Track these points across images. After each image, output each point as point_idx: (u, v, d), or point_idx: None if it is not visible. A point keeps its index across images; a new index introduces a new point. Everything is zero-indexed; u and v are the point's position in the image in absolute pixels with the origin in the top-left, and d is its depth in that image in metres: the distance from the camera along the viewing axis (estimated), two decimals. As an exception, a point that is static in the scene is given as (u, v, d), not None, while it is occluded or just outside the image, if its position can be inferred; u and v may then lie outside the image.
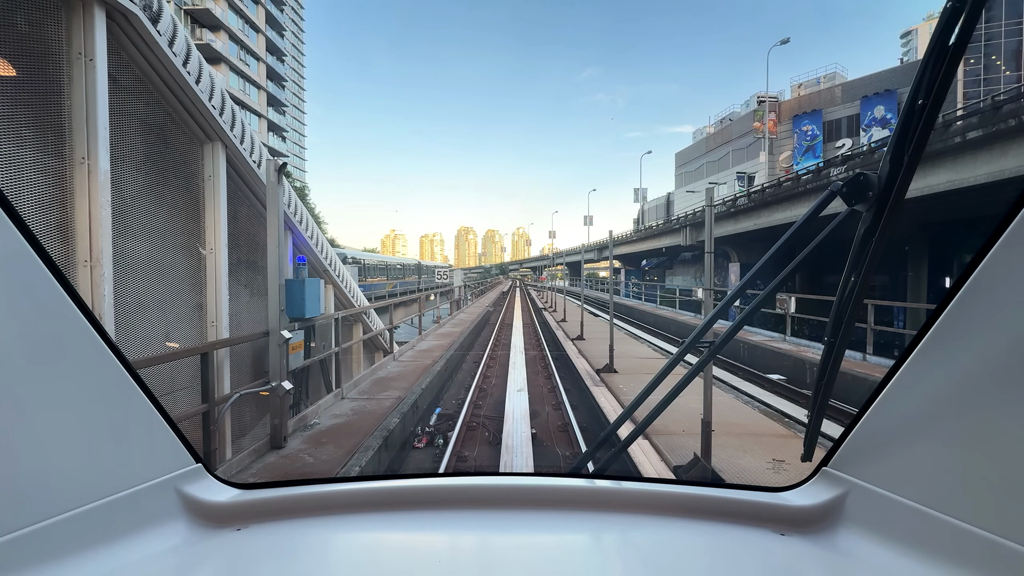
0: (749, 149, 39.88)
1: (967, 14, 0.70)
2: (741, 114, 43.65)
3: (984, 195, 13.75)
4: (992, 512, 0.72)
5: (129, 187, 3.55)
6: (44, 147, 2.89)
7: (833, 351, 1.01)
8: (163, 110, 3.86)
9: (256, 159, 4.78)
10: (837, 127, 35.06)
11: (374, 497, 1.10)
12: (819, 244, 1.09)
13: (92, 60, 2.95)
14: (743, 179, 39.55)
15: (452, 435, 6.23)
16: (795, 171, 32.20)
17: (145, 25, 3.24)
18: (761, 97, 41.42)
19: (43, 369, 0.76)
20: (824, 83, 39.51)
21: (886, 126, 31.98)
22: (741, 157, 40.80)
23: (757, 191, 25.99)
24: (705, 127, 50.96)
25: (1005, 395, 0.71)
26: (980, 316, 0.73)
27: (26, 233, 0.72)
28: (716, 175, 43.88)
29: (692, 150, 50.28)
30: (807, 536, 0.96)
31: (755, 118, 38.47)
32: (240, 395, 4.05)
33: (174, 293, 4.06)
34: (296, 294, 5.17)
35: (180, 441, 1.01)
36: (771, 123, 37.13)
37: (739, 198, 28.48)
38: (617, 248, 47.33)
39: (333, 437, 4.76)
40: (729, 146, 42.52)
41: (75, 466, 0.80)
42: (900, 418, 0.86)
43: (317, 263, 6.54)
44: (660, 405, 1.19)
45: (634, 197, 48.08)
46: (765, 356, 10.78)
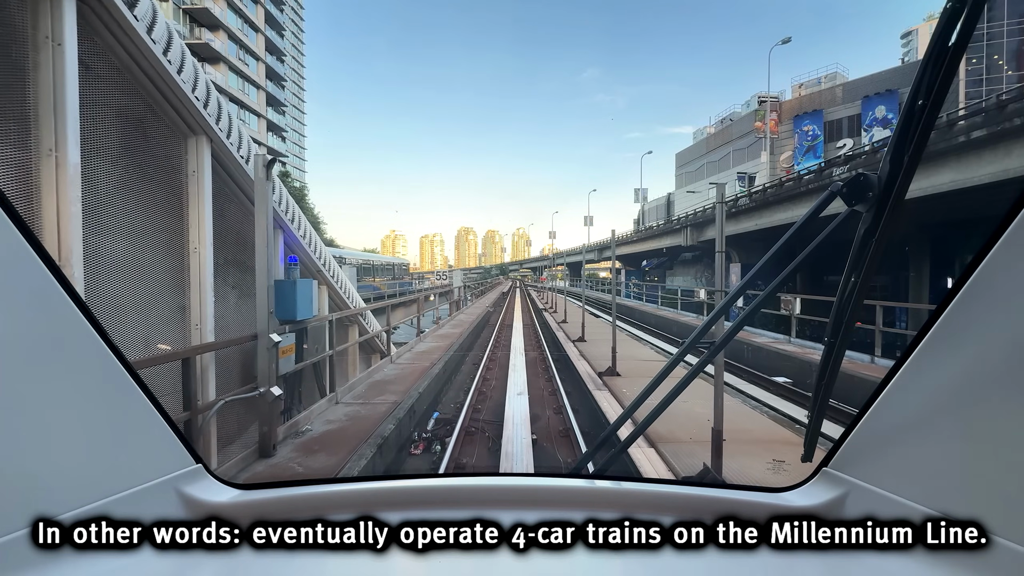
0: (750, 149, 39.72)
1: (967, 14, 0.69)
2: (742, 114, 43.44)
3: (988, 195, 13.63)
4: (992, 512, 0.72)
5: (104, 182, 3.35)
6: (6, 136, 2.68)
7: (833, 351, 1.01)
8: (142, 101, 3.65)
9: (244, 154, 4.57)
10: (838, 127, 34.93)
11: (374, 497, 1.11)
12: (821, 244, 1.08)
13: (60, 44, 2.75)
14: (744, 179, 39.37)
15: (450, 440, 6.04)
16: (796, 171, 32.16)
17: (120, 9, 3.04)
18: (762, 97, 41.39)
19: (43, 369, 0.76)
20: (825, 83, 39.41)
21: (887, 126, 31.88)
22: (742, 157, 40.63)
23: (759, 191, 26.00)
24: (705, 127, 50.83)
25: (1005, 395, 0.71)
26: (980, 316, 0.73)
27: (26, 233, 0.72)
28: (717, 175, 43.65)
29: (692, 150, 50.11)
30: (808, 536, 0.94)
31: (756, 118, 38.35)
32: (225, 402, 3.84)
33: (154, 294, 3.85)
34: (287, 295, 4.97)
35: (180, 441, 1.01)
36: (772, 123, 37.00)
37: (740, 198, 28.41)
38: (618, 248, 47.22)
39: (325, 444, 4.57)
40: (730, 146, 42.36)
41: (75, 466, 0.81)
42: (900, 418, 0.87)
43: (310, 263, 6.33)
44: (660, 406, 1.20)
45: (635, 197, 47.93)
46: (770, 358, 10.62)
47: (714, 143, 45.49)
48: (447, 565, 0.93)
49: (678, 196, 50.50)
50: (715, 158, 44.71)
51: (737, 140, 41.29)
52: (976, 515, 0.73)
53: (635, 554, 0.96)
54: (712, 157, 45.28)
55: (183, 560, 0.88)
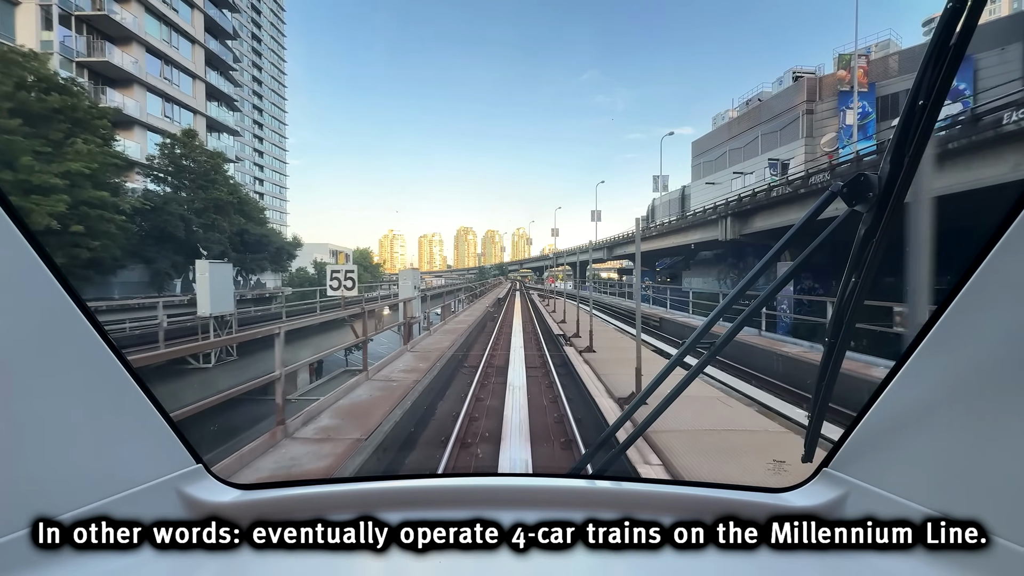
0: (784, 132, 33.94)
1: (967, 14, 0.69)
2: (772, 93, 37.67)
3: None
4: (992, 512, 0.73)
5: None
6: None
7: (833, 352, 1.01)
8: None
9: None
10: (894, 102, 28.83)
11: (374, 497, 1.11)
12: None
13: None
14: (775, 167, 33.86)
15: None
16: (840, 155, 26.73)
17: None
18: (797, 73, 35.66)
19: (43, 369, 0.76)
20: (876, 52, 33.28)
21: (958, 98, 26.03)
22: (773, 141, 34.88)
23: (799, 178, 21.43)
24: (727, 111, 44.78)
25: (1005, 395, 0.71)
26: (980, 316, 0.74)
27: (26, 233, 0.72)
28: (742, 163, 38.17)
29: (712, 137, 44.05)
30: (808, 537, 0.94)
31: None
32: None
33: None
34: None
35: (180, 441, 1.01)
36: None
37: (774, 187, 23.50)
38: (631, 246, 41.82)
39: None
40: (758, 129, 36.49)
41: (75, 466, 0.81)
42: (900, 418, 0.87)
43: None
44: (660, 406, 1.19)
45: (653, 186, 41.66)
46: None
47: (738, 128, 39.66)
48: (447, 565, 0.93)
49: (695, 189, 44.90)
50: (739, 144, 38.96)
51: (767, 123, 35.52)
52: (976, 515, 0.74)
53: (635, 554, 0.96)
54: (735, 144, 39.46)
55: (183, 560, 0.88)
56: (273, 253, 31.77)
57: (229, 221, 26.95)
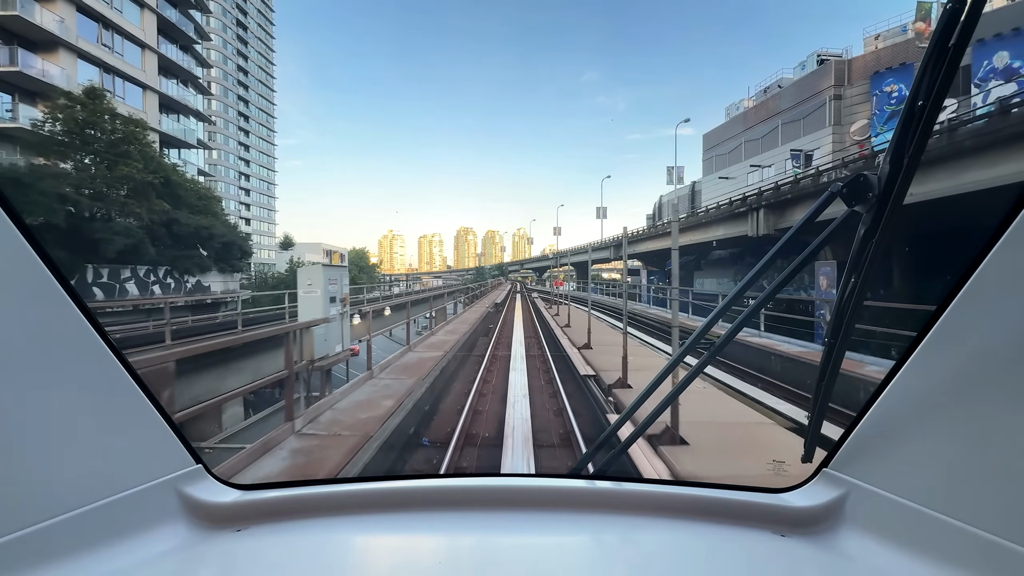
0: (807, 120, 30.86)
1: (967, 14, 0.69)
2: (793, 79, 34.56)
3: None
4: (992, 513, 0.72)
5: None
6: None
7: (833, 352, 1.00)
8: None
9: None
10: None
11: (375, 498, 1.10)
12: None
13: None
14: (798, 158, 30.79)
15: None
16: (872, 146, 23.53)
17: None
18: (822, 56, 32.54)
19: (43, 369, 0.76)
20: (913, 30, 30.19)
21: (1012, 77, 22.83)
22: (795, 131, 31.79)
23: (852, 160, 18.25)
24: (742, 100, 41.65)
25: (1005, 395, 0.71)
26: (980, 316, 0.73)
27: (26, 233, 0.72)
28: (759, 156, 35.06)
29: (725, 129, 40.93)
30: (808, 537, 0.95)
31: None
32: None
33: None
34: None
35: (180, 442, 1.01)
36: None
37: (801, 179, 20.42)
38: (641, 244, 38.50)
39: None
40: (778, 119, 33.35)
41: (75, 466, 0.80)
42: (900, 418, 0.87)
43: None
44: (660, 406, 1.20)
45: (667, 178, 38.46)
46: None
47: (754, 118, 36.56)
48: (447, 565, 0.92)
49: (706, 184, 41.79)
50: (756, 135, 35.87)
51: (788, 111, 32.43)
52: (976, 516, 0.74)
53: (635, 554, 0.96)
54: (752, 135, 36.38)
55: (183, 561, 0.87)
56: (218, 249, 25.45)
57: (148, 207, 20.53)
